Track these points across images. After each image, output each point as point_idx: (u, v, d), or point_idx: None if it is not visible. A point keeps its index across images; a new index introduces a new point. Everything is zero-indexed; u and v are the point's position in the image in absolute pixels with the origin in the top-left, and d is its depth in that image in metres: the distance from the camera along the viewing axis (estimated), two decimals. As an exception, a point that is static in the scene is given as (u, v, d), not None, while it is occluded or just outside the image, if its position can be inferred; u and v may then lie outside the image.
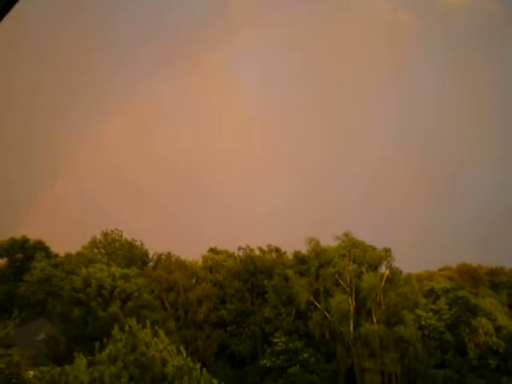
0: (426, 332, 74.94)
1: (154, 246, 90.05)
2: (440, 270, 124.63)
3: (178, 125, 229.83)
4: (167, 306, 73.01)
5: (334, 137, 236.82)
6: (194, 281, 76.76)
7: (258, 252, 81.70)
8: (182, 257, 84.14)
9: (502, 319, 78.59)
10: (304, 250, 78.50)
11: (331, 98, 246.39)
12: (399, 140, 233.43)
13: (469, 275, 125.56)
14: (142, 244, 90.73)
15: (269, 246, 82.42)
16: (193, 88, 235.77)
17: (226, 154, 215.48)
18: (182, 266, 79.88)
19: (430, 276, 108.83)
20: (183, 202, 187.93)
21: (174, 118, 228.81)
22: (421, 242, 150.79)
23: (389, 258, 75.32)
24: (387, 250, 75.29)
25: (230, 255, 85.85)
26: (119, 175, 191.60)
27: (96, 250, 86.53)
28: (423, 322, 75.34)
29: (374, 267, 74.68)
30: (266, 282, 75.20)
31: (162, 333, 40.36)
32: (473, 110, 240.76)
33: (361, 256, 74.17)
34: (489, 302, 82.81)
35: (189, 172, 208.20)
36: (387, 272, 74.67)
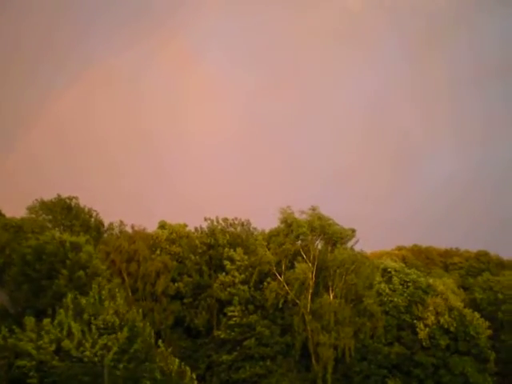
0: (387, 309, 75.98)
1: (109, 217, 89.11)
2: (394, 249, 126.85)
3: (141, 99, 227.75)
4: (125, 276, 72.16)
5: (297, 118, 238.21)
6: (158, 252, 75.87)
7: (221, 224, 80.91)
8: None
9: (454, 299, 79.96)
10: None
11: (296, 78, 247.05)
12: (359, 123, 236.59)
13: (422, 255, 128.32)
14: (98, 213, 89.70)
15: (228, 218, 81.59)
16: (157, 63, 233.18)
17: (189, 130, 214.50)
18: (144, 236, 78.62)
19: (384, 255, 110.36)
20: (141, 174, 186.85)
21: (137, 92, 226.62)
22: (375, 221, 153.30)
23: (354, 238, 76.12)
24: (353, 230, 75.95)
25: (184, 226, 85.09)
26: (77, 146, 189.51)
27: (51, 217, 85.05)
28: (385, 299, 76.40)
29: (339, 244, 74.92)
30: (226, 249, 74.79)
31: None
32: (432, 95, 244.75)
33: (329, 231, 74.23)
34: (441, 282, 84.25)
35: (148, 146, 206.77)
36: (349, 250, 75.15)
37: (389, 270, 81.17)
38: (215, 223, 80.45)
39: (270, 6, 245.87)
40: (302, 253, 72.34)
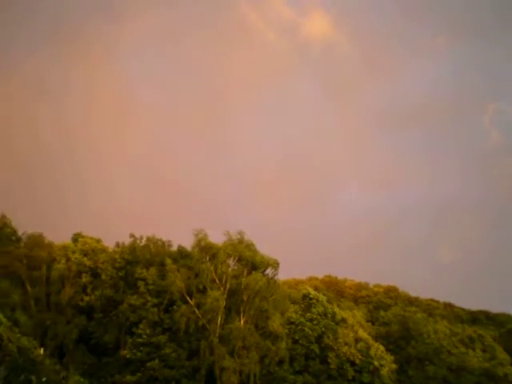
0: (297, 337, 75.82)
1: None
2: (307, 279, 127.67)
3: (57, 108, 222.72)
4: (28, 287, 69.18)
5: (213, 142, 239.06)
6: (63, 260, 72.97)
7: (144, 242, 79.13)
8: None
9: (361, 332, 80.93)
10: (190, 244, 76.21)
11: (214, 104, 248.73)
12: (278, 157, 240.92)
13: (333, 287, 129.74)
14: (11, 222, 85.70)
15: (152, 236, 79.72)
16: (76, 73, 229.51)
17: (106, 144, 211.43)
18: (47, 245, 75.84)
19: (298, 284, 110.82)
20: (59, 184, 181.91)
21: (51, 100, 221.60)
22: (290, 250, 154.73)
23: (274, 269, 75.33)
24: (276, 261, 75.26)
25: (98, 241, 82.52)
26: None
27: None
28: (298, 327, 76.27)
29: (257, 270, 74.13)
30: (138, 270, 72.86)
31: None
32: (348, 132, 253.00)
33: (247, 257, 73.62)
34: (351, 314, 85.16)
35: (66, 156, 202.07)
36: (266, 278, 74.36)
37: (311, 297, 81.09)
38: (138, 241, 78.67)
39: (195, 37, 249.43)
40: (215, 277, 71.58)
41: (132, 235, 79.33)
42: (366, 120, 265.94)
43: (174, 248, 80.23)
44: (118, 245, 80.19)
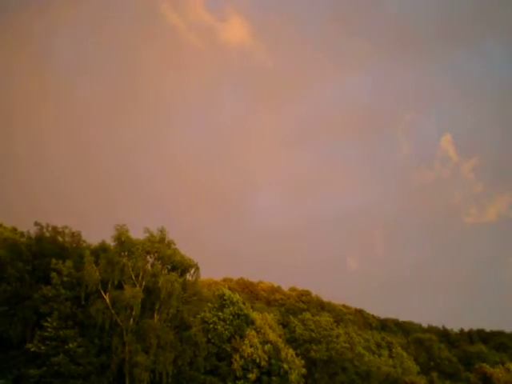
0: (209, 336, 75.84)
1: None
2: (222, 280, 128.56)
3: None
4: None
5: (134, 140, 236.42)
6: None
7: (50, 232, 76.47)
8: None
9: (271, 334, 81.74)
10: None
11: (136, 101, 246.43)
12: (197, 160, 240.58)
13: (247, 289, 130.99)
14: None
15: (57, 227, 77.20)
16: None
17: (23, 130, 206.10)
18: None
19: (212, 284, 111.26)
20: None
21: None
22: (207, 250, 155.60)
23: (194, 270, 75.69)
24: (195, 264, 75.66)
25: (16, 232, 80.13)
26: None
27: None
28: (210, 327, 76.28)
29: (177, 270, 73.78)
30: (53, 261, 70.86)
31: None
32: (267, 140, 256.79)
33: (167, 256, 73.33)
34: (262, 316, 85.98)
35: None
36: (185, 278, 74.64)
37: (225, 298, 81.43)
38: (44, 230, 76.11)
39: (118, 32, 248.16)
40: (132, 273, 70.81)
41: (37, 223, 76.02)
42: (286, 128, 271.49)
43: (87, 241, 78.58)
44: (23, 235, 77.41)
